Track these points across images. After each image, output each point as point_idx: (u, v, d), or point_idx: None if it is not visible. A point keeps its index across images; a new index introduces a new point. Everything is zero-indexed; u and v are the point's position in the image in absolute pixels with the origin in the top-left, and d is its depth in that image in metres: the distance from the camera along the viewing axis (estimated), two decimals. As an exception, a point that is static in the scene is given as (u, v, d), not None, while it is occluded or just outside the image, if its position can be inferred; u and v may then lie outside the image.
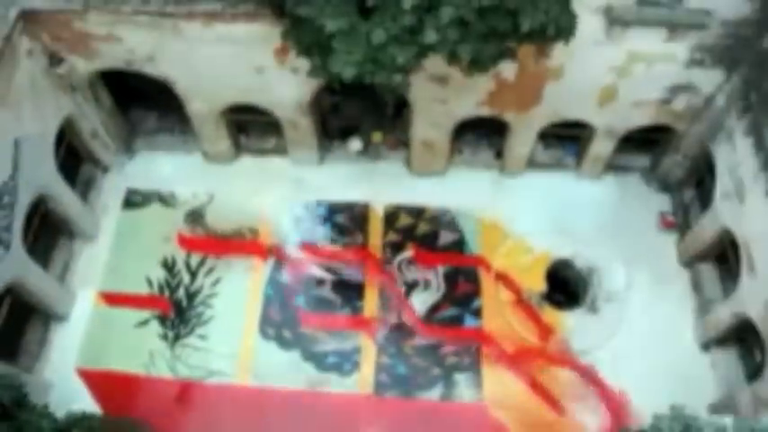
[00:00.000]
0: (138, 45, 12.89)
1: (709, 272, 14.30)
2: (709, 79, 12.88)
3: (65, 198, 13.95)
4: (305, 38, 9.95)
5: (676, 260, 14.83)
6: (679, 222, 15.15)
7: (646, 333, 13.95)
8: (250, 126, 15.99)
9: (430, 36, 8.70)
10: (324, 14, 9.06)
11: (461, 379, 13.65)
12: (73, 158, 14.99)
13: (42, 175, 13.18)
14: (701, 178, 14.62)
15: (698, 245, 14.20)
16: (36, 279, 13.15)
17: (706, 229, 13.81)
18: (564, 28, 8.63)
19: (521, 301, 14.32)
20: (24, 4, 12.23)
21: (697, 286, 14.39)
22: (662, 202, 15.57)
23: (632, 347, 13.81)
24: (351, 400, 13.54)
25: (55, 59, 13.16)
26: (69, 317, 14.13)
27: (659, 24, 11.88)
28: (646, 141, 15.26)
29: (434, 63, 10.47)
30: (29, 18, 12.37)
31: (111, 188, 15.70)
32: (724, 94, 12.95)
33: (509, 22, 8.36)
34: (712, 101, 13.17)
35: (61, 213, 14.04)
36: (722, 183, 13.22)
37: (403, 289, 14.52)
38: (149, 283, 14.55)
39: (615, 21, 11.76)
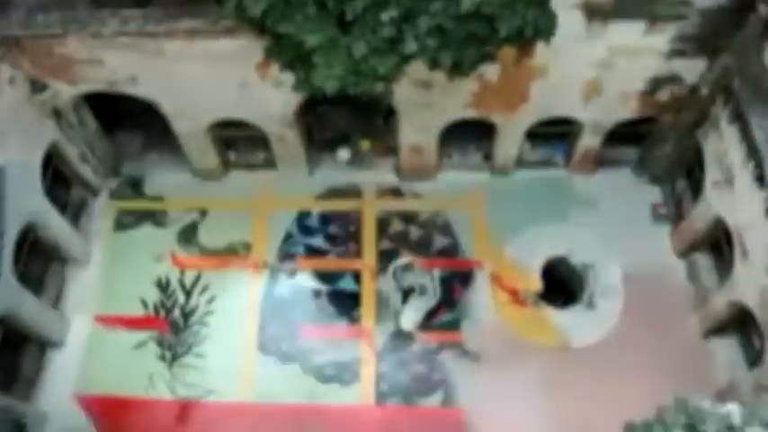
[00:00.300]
0: (120, 67, 12.84)
1: (704, 261, 14.29)
2: (691, 69, 12.89)
3: (54, 224, 13.87)
4: (286, 53, 9.96)
5: (671, 251, 14.81)
6: (671, 213, 15.16)
7: (645, 325, 13.91)
8: (238, 141, 15.92)
9: (410, 46, 8.72)
10: (303, 30, 9.05)
11: (463, 383, 13.59)
12: (62, 183, 14.91)
13: (30, 203, 13.10)
14: (691, 168, 14.61)
15: (691, 235, 14.21)
16: (29, 308, 13.07)
17: (698, 218, 13.82)
18: (543, 28, 8.63)
19: (517, 302, 14.29)
20: (3, 31, 12.20)
21: (693, 276, 14.38)
22: (653, 194, 15.57)
23: (632, 340, 13.77)
24: (352, 410, 13.46)
25: (37, 86, 13.11)
26: (65, 343, 14.02)
27: (638, 17, 11.88)
28: (634, 134, 15.23)
29: (417, 68, 10.45)
30: (9, 45, 12.32)
31: (102, 211, 15.64)
32: (707, 82, 12.95)
33: (487, 28, 8.36)
34: (696, 90, 13.18)
35: (51, 239, 13.95)
36: (711, 171, 13.23)
37: (399, 295, 14.46)
38: (144, 304, 14.47)
39: (594, 15, 11.77)
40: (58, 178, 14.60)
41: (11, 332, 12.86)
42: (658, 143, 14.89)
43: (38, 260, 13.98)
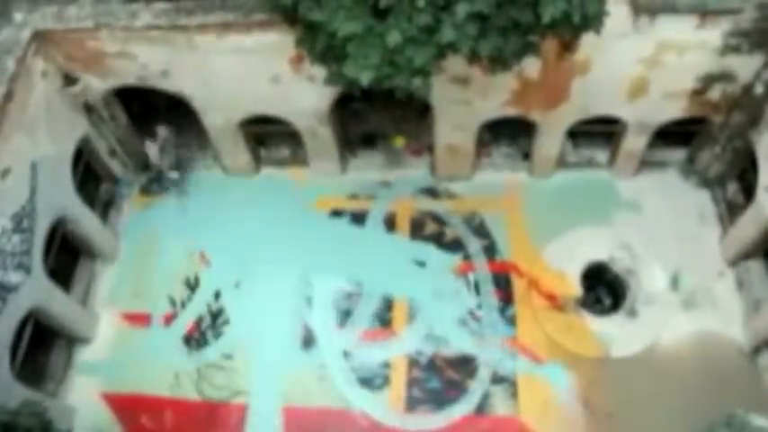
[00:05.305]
0: (152, 61, 12.71)
1: (756, 269, 13.54)
2: (746, 66, 12.23)
3: (84, 219, 13.77)
4: (318, 44, 9.60)
5: (720, 258, 14.08)
6: (722, 217, 14.47)
7: (690, 336, 13.28)
8: (270, 138, 15.70)
9: (448, 34, 8.25)
10: (337, 19, 8.70)
11: (496, 391, 13.11)
12: (92, 178, 14.84)
13: (61, 197, 13.02)
14: (743, 171, 13.91)
15: (742, 241, 13.47)
16: (59, 303, 12.98)
17: (750, 224, 13.09)
18: (592, 16, 8.06)
19: (556, 307, 13.74)
20: (37, 24, 12.15)
21: (743, 285, 13.63)
22: (702, 198, 14.87)
23: (676, 352, 13.15)
24: (383, 416, 13.05)
25: (69, 79, 13.04)
26: (93, 339, 13.92)
27: (689, 11, 11.29)
28: (682, 135, 14.59)
29: (455, 64, 10.05)
30: (42, 39, 12.28)
31: (131, 207, 15.54)
32: (762, 80, 12.28)
33: (530, 14, 7.87)
34: (751, 89, 12.50)
35: (81, 235, 13.85)
36: (765, 174, 12.52)
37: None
38: (172, 302, 14.28)
39: (641, 10, 11.24)
40: (87, 173, 14.53)
41: (40, 328, 12.76)
42: (707, 144, 14.22)
43: (67, 255, 13.91)
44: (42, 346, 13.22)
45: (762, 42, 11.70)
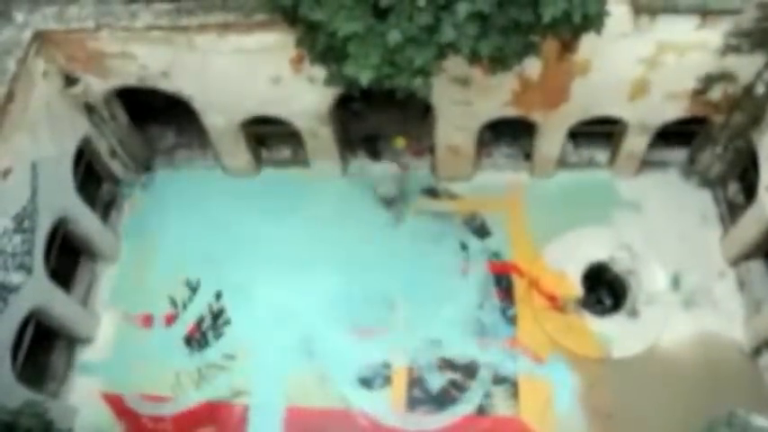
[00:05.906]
0: (152, 61, 12.71)
1: (757, 269, 13.52)
2: (747, 66, 12.22)
3: (85, 219, 13.78)
4: (318, 44, 9.62)
5: (721, 258, 14.07)
6: (723, 217, 14.47)
7: (691, 336, 13.27)
8: (271, 138, 15.70)
9: (448, 33, 8.25)
10: (338, 18, 8.71)
11: (497, 391, 13.10)
12: (93, 179, 14.85)
13: (61, 198, 13.02)
14: (744, 171, 13.89)
15: (743, 241, 13.46)
16: (60, 303, 12.97)
17: (751, 223, 13.08)
18: (592, 16, 8.07)
19: (556, 308, 13.73)
20: (38, 25, 12.17)
21: (744, 285, 13.62)
22: (702, 198, 14.87)
23: (676, 352, 13.13)
24: (384, 416, 13.05)
25: (70, 80, 13.04)
26: (94, 340, 13.93)
27: (689, 11, 11.29)
28: (683, 135, 14.59)
29: (455, 64, 10.06)
30: (43, 39, 12.28)
31: (132, 207, 15.56)
32: (763, 80, 12.26)
33: (530, 14, 7.88)
34: (752, 89, 12.49)
35: (82, 235, 13.85)
36: (766, 174, 12.50)
37: (433, 299, 14.03)
38: (173, 302, 14.28)
39: (642, 10, 11.24)
40: (88, 173, 14.52)
41: (41, 328, 12.76)
42: (708, 144, 14.21)
43: (68, 255, 13.90)
44: (43, 346, 13.22)
45: (762, 42, 11.69)
